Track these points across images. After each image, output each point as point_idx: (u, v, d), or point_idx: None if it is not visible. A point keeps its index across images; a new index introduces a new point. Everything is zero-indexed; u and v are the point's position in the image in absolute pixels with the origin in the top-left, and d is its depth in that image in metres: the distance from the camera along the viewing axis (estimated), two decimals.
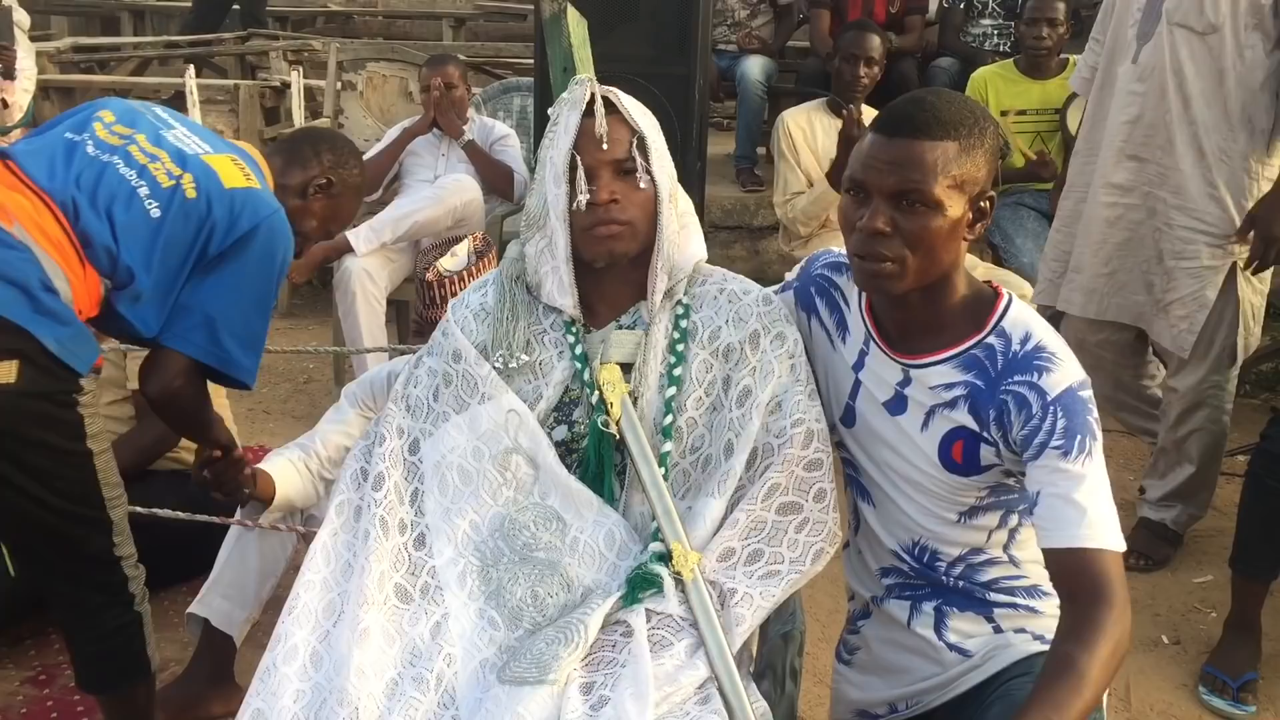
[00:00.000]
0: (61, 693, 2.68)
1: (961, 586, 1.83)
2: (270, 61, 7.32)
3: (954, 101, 1.67)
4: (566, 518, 1.74)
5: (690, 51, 3.97)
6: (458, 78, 4.58)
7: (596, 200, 1.75)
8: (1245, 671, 2.80)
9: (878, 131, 1.66)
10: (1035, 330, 1.69)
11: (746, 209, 5.67)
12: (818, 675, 2.86)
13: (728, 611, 1.67)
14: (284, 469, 2.45)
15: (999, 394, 1.67)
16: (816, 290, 1.90)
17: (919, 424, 1.75)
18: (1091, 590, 1.57)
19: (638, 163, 1.77)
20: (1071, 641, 1.56)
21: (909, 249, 1.64)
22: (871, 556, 1.93)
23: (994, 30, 5.75)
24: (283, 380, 4.75)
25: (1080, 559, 1.58)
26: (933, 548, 1.83)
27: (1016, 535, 1.82)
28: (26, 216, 2.00)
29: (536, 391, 1.81)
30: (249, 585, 2.58)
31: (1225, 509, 3.70)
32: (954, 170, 1.61)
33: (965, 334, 1.72)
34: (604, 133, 1.75)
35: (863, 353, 1.83)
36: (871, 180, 1.65)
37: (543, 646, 1.61)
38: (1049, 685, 1.52)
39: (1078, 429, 1.62)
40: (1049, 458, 1.62)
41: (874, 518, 1.89)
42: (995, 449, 1.71)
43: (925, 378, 1.74)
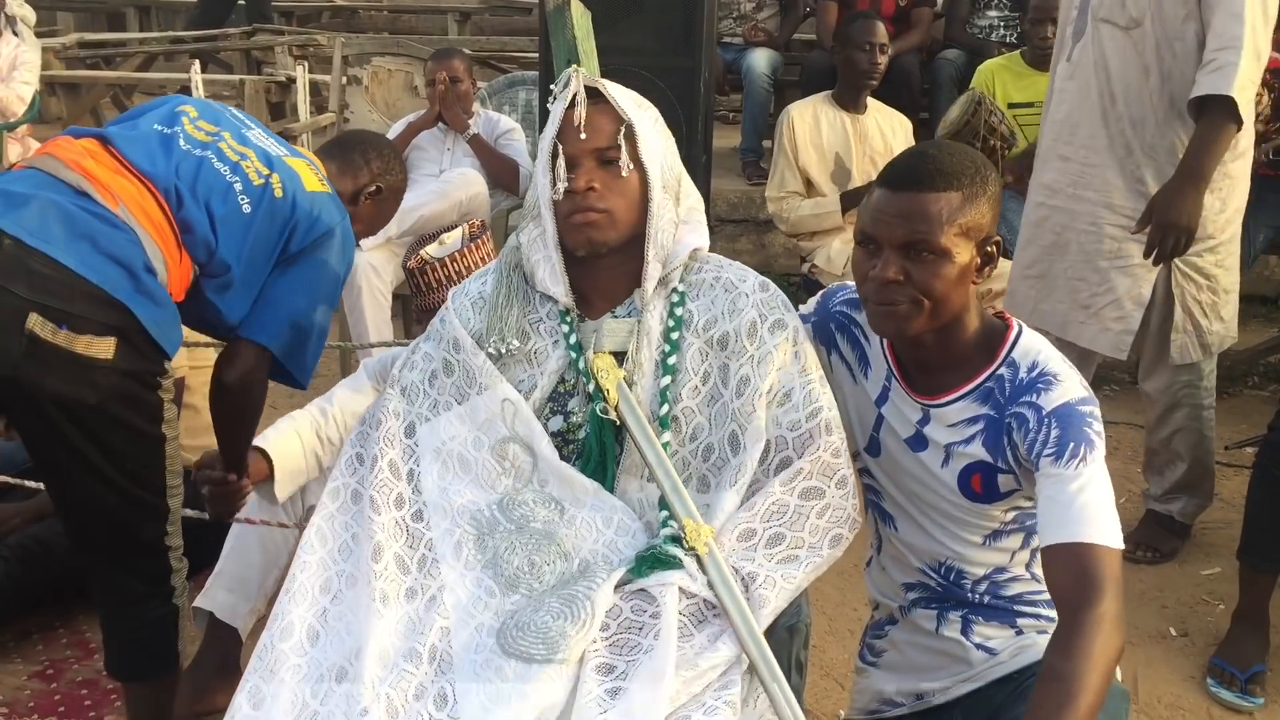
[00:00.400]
0: (68, 687, 2.70)
1: (987, 602, 1.90)
2: (275, 56, 7.32)
3: (955, 153, 1.76)
4: (565, 503, 1.75)
5: (695, 44, 3.96)
6: (463, 72, 4.58)
7: (574, 188, 1.77)
8: (1253, 663, 2.78)
9: (883, 186, 1.75)
10: (1041, 356, 1.77)
11: (753, 202, 5.66)
12: (825, 669, 2.86)
13: (751, 595, 1.66)
14: (287, 445, 2.40)
15: (1005, 418, 1.76)
16: (836, 326, 1.97)
17: (939, 461, 1.84)
18: (1080, 587, 1.59)
19: (621, 152, 1.78)
20: (1058, 652, 1.58)
21: (923, 295, 1.72)
22: (897, 572, 1.99)
23: (1000, 22, 5.73)
24: None
25: (1071, 553, 1.62)
26: (959, 567, 1.90)
27: (1039, 554, 1.83)
28: (131, 199, 2.07)
29: (532, 380, 1.82)
30: (252, 578, 2.59)
31: (1233, 501, 3.69)
32: (959, 219, 1.69)
33: (979, 368, 1.80)
34: (582, 122, 1.77)
35: (885, 389, 1.90)
36: (881, 233, 1.73)
37: (549, 620, 1.60)
38: (1040, 702, 1.55)
39: (1071, 438, 1.68)
40: (1044, 465, 1.68)
41: (900, 539, 1.96)
42: (1011, 475, 1.78)
43: (944, 416, 1.83)
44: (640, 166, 1.80)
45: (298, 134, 5.46)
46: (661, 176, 1.82)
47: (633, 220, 1.81)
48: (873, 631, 2.10)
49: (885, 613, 2.06)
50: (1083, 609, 1.58)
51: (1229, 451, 4.04)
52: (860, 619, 3.02)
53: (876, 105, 4.27)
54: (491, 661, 1.58)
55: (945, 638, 1.91)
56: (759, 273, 1.91)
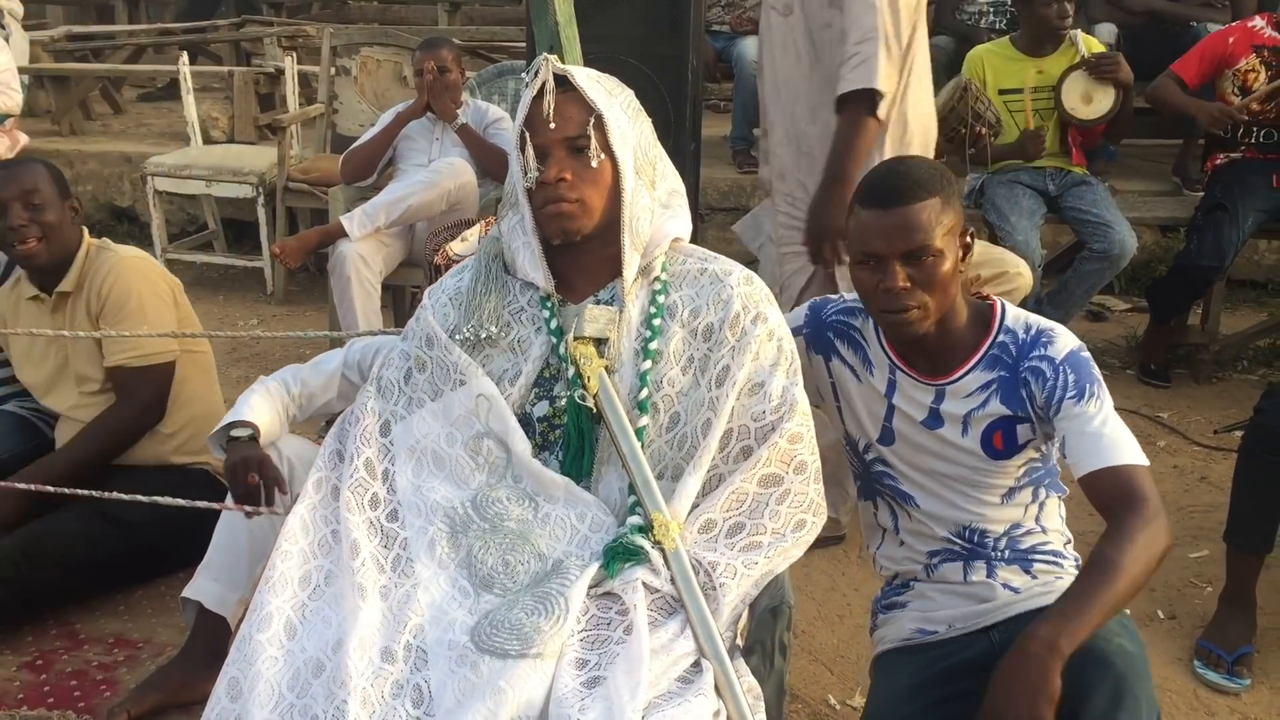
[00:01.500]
0: (57, 678, 2.69)
1: (1007, 556, 2.09)
2: (265, 48, 7.31)
3: (922, 164, 1.99)
4: (539, 499, 1.75)
5: (683, 32, 3.94)
6: (451, 61, 4.56)
7: (545, 179, 1.78)
8: (1240, 645, 2.79)
9: (873, 207, 1.93)
10: (1030, 319, 2.03)
11: (743, 190, 5.66)
12: (814, 653, 2.87)
13: (713, 583, 1.68)
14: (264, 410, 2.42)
15: (1020, 374, 1.98)
16: (835, 334, 2.16)
17: (959, 432, 2.04)
18: (1123, 500, 1.82)
19: (591, 141, 1.78)
20: (1105, 543, 1.80)
21: (927, 294, 1.93)
22: (920, 543, 2.17)
23: (990, 8, 5.73)
24: (279, 364, 4.72)
25: (1109, 476, 1.85)
26: (982, 527, 2.09)
27: (1044, 506, 2.11)
28: None
29: (516, 368, 1.82)
30: (240, 567, 2.58)
31: (1222, 484, 3.70)
32: (945, 220, 1.92)
33: (979, 340, 2.03)
34: (550, 112, 1.77)
35: (891, 381, 2.09)
36: (883, 248, 1.92)
37: (522, 617, 1.61)
38: (1082, 577, 1.78)
39: (1084, 379, 1.92)
40: (1066, 408, 1.91)
41: (922, 513, 2.14)
42: (1029, 424, 2.00)
43: (959, 389, 2.03)
44: (611, 155, 1.80)
45: (286, 125, 5.45)
46: (634, 163, 1.82)
47: (607, 207, 1.81)
48: (890, 594, 2.24)
49: (907, 576, 2.21)
50: (1128, 513, 1.80)
51: (1218, 435, 4.06)
52: (849, 604, 3.04)
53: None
54: (466, 658, 1.59)
55: (973, 582, 2.09)
56: (750, 261, 1.94)
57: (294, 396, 2.49)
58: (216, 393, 3.29)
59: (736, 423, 1.77)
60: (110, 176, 6.57)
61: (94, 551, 2.90)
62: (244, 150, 5.97)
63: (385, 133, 4.60)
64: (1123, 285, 5.38)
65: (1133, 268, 5.03)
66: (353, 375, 2.52)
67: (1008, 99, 4.48)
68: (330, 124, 5.73)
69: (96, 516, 2.87)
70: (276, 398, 2.44)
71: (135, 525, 2.92)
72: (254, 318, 5.40)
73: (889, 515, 2.20)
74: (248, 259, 5.80)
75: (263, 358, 4.84)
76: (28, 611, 2.88)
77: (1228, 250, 4.26)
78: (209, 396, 3.23)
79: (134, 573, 3.05)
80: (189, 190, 5.72)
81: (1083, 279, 4.34)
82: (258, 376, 4.49)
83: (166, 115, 7.65)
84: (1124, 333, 4.98)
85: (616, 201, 1.81)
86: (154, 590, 3.06)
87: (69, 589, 2.92)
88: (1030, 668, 1.69)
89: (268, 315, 5.43)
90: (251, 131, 6.51)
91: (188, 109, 6.00)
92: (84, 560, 2.89)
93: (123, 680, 2.69)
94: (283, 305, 5.55)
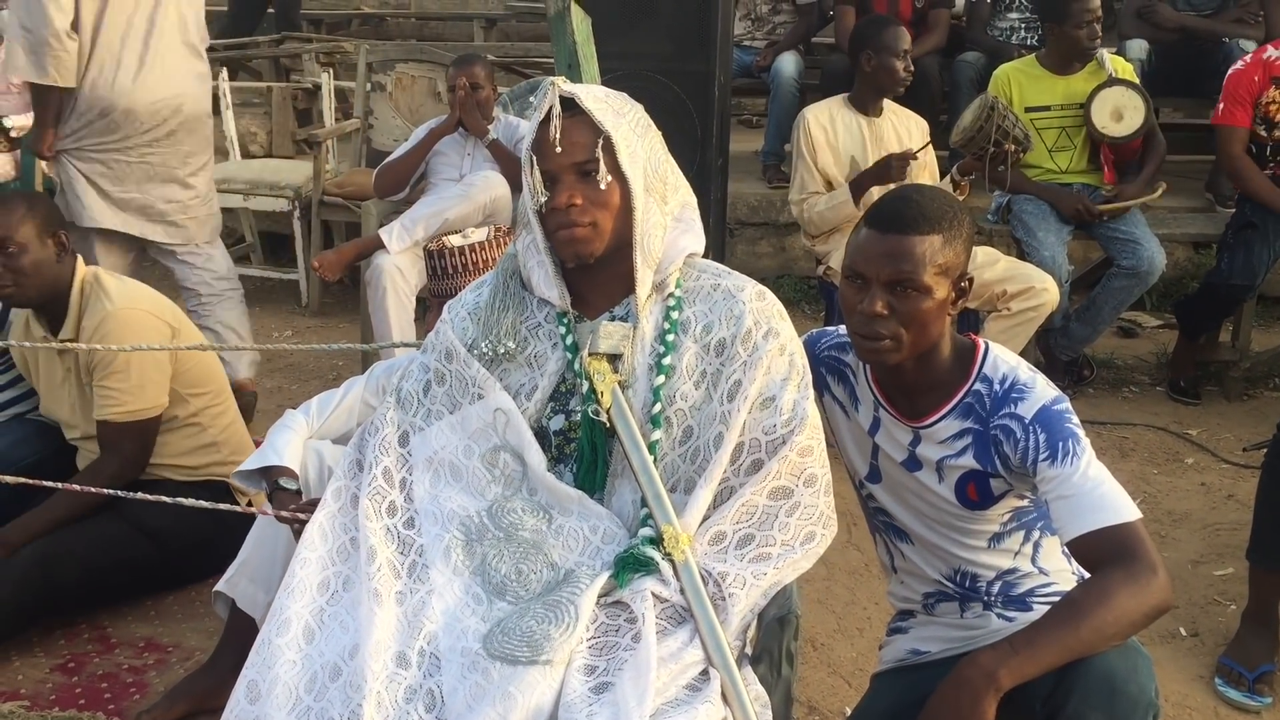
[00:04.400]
0: (89, 680, 2.76)
1: (1001, 600, 2.04)
2: (303, 64, 7.41)
3: (936, 198, 1.92)
4: (553, 511, 1.78)
5: (710, 47, 3.99)
6: (483, 78, 4.62)
7: (555, 204, 1.80)
8: (1262, 664, 2.78)
9: (872, 227, 1.90)
10: (1009, 370, 1.94)
11: (772, 205, 5.68)
12: (832, 666, 2.88)
13: (721, 594, 1.70)
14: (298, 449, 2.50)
15: (991, 430, 1.91)
16: (827, 369, 2.12)
17: (935, 478, 1.99)
18: (1108, 558, 1.73)
19: (600, 164, 1.79)
20: (1077, 587, 1.77)
21: (904, 327, 1.88)
22: (916, 584, 2.14)
23: (1021, 24, 5.73)
24: (312, 377, 4.82)
25: (1094, 539, 1.76)
26: (972, 572, 2.04)
27: (1041, 547, 2.03)
28: None
29: (533, 383, 1.86)
30: (275, 571, 2.63)
31: (1248, 502, 3.65)
32: (939, 259, 1.86)
33: (956, 385, 1.96)
34: (556, 137, 1.79)
35: (876, 418, 2.05)
36: (869, 270, 1.88)
37: (533, 624, 1.64)
38: (1044, 615, 1.74)
39: (1057, 437, 1.83)
40: (1042, 470, 1.83)
41: (913, 553, 2.11)
42: (1002, 479, 1.93)
43: (933, 434, 1.97)
44: (620, 176, 1.82)
45: (323, 140, 5.53)
46: (645, 182, 1.84)
47: (618, 227, 1.83)
48: (896, 620, 2.25)
49: (908, 609, 2.19)
50: (1111, 566, 1.72)
51: (1247, 453, 4.03)
52: (869, 618, 3.05)
53: (892, 107, 4.28)
54: (478, 664, 1.62)
55: (969, 620, 2.06)
56: (779, 275, 1.96)
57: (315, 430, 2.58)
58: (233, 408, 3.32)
59: (748, 436, 1.79)
60: None
61: (117, 557, 2.95)
62: (281, 164, 6.07)
63: (419, 148, 4.66)
64: (1154, 301, 5.35)
65: (1164, 284, 5.01)
66: (374, 400, 2.59)
67: (1034, 116, 4.48)
68: (365, 139, 5.81)
69: (120, 521, 2.93)
70: (302, 435, 2.53)
71: (158, 532, 2.98)
72: (289, 329, 5.47)
73: (886, 553, 2.19)
74: (283, 271, 5.89)
75: (296, 369, 4.92)
76: (56, 615, 2.93)
77: (1259, 269, 4.24)
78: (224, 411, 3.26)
79: (159, 578, 3.11)
80: (227, 204, 5.79)
81: (1111, 295, 4.33)
82: (290, 388, 4.63)
83: None
84: (1154, 349, 4.96)
85: (628, 220, 1.83)
86: (184, 596, 3.12)
87: (94, 595, 2.98)
88: (961, 696, 1.64)
89: (302, 327, 5.51)
90: (289, 146, 6.61)
91: (226, 124, 6.10)
92: (107, 566, 2.94)
93: (152, 683, 2.75)
94: (316, 317, 5.62)
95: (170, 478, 3.07)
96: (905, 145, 4.19)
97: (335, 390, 2.67)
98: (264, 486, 2.50)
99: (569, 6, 2.03)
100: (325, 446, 2.54)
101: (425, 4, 10.22)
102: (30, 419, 3.31)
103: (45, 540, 2.87)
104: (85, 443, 3.10)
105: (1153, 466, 3.99)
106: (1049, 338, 4.44)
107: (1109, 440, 4.16)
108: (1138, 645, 1.79)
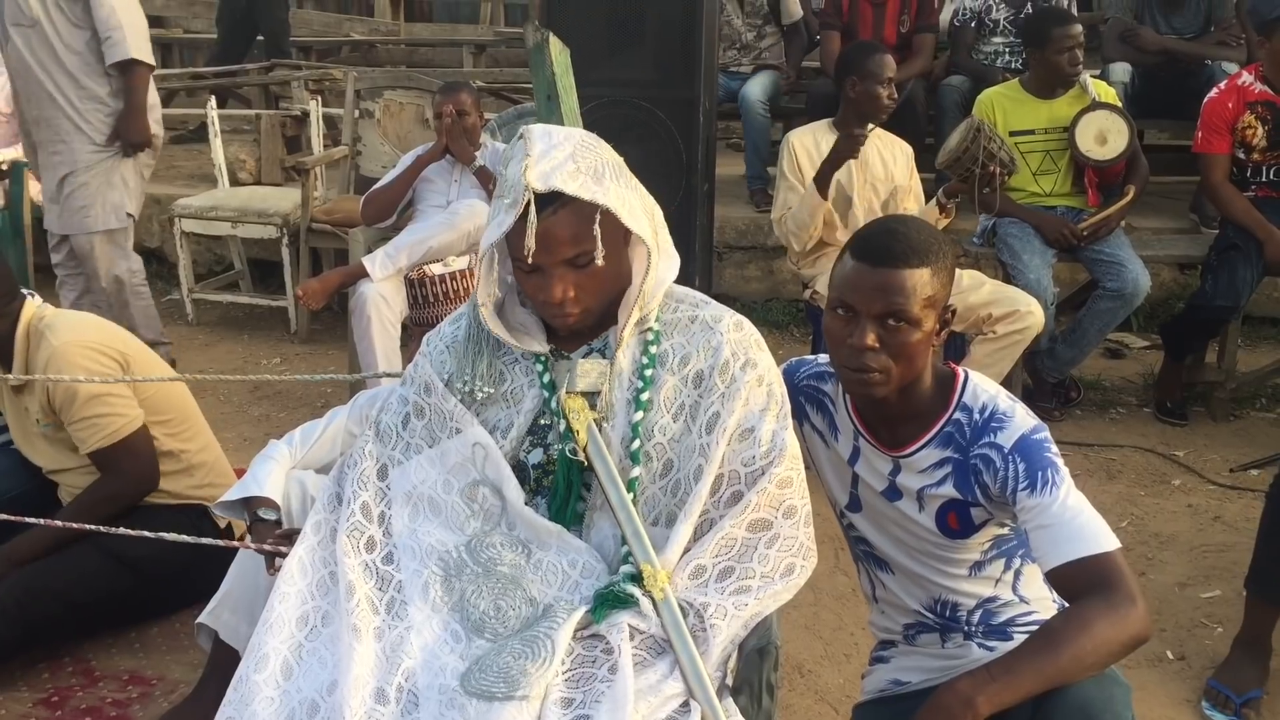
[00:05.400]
0: (73, 714, 2.74)
1: (981, 630, 2.03)
2: (292, 91, 7.42)
3: (922, 229, 1.91)
4: (531, 547, 1.78)
5: (695, 74, 4.01)
6: (470, 104, 4.64)
7: (549, 299, 1.76)
8: (1250, 689, 2.77)
9: (861, 260, 1.88)
10: (989, 399, 1.93)
11: (760, 229, 5.69)
12: (819, 693, 2.87)
13: (704, 624, 1.70)
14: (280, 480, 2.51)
15: (971, 459, 1.91)
16: (806, 399, 2.11)
17: (916, 507, 1.98)
18: (1088, 588, 1.73)
19: (596, 243, 1.72)
20: (1057, 615, 1.76)
21: (893, 359, 1.87)
22: (896, 614, 2.14)
23: (1006, 48, 5.76)
24: (300, 405, 4.81)
25: (1074, 569, 1.76)
26: (952, 600, 2.04)
27: (1021, 575, 2.03)
28: None
29: (509, 420, 1.85)
30: (257, 601, 2.62)
31: (1236, 524, 3.69)
32: (928, 291, 1.86)
33: (937, 414, 1.95)
34: (532, 247, 1.69)
35: (856, 448, 2.05)
36: (859, 304, 1.87)
37: (509, 660, 1.63)
38: (1023, 643, 1.73)
39: (1036, 466, 1.83)
40: (1022, 499, 1.83)
41: (894, 583, 2.11)
42: (983, 508, 1.93)
43: (913, 464, 1.97)
44: (619, 241, 1.78)
45: (311, 167, 5.54)
46: (653, 234, 1.79)
47: (612, 293, 1.82)
48: (878, 649, 2.23)
49: (889, 639, 2.18)
50: (1091, 595, 1.72)
51: (1234, 474, 4.04)
52: (856, 643, 3.05)
53: (877, 131, 4.29)
54: (455, 700, 1.61)
55: (950, 651, 2.05)
56: (768, 299, 1.95)
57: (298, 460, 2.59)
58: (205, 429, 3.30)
59: (727, 468, 1.78)
60: (140, 218, 6.65)
61: (98, 587, 2.93)
62: (269, 192, 6.08)
63: (405, 176, 4.68)
64: (1140, 322, 5.37)
65: (1150, 305, 5.03)
66: (357, 430, 2.59)
67: (1019, 140, 4.50)
68: (354, 166, 5.82)
69: (97, 553, 2.92)
70: (285, 465, 2.54)
71: (137, 561, 2.97)
72: (277, 356, 5.47)
73: (868, 582, 2.18)
74: (272, 298, 5.89)
75: (284, 396, 4.91)
76: (35, 646, 2.92)
77: (1243, 290, 4.26)
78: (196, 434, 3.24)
79: (141, 609, 3.10)
80: (216, 231, 5.82)
81: (1096, 317, 4.35)
82: (278, 416, 4.63)
83: (196, 157, 7.77)
84: (1141, 370, 4.97)
85: (615, 286, 1.82)
86: (168, 627, 3.11)
87: (75, 625, 2.97)
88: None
89: (291, 354, 5.50)
90: (278, 173, 6.62)
91: (215, 152, 6.11)
92: (88, 597, 2.93)
93: (136, 717, 2.73)
94: (305, 344, 5.62)
95: (148, 502, 3.06)
96: (890, 168, 4.21)
97: (318, 420, 2.68)
98: (245, 517, 2.50)
99: (547, 38, 2.04)
100: (308, 476, 2.54)
101: (415, 30, 10.27)
102: (12, 449, 3.29)
103: (23, 574, 2.86)
104: (63, 476, 3.09)
105: (1139, 488, 3.99)
106: (1035, 360, 4.45)
107: (1096, 462, 4.17)
108: (1116, 675, 1.78)
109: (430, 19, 10.88)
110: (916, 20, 5.72)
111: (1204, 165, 4.43)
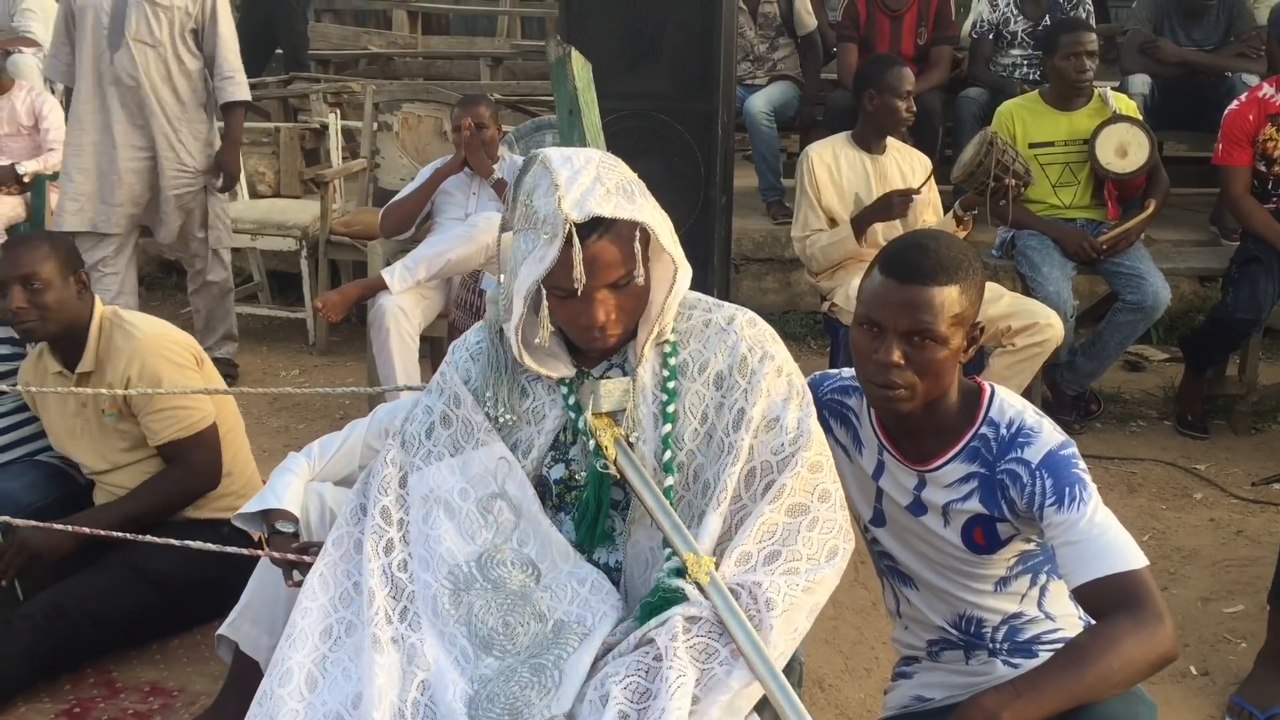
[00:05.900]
0: None
1: (1006, 647, 2.01)
2: (311, 104, 7.46)
3: (952, 246, 1.89)
4: (542, 566, 1.78)
5: (712, 87, 4.00)
6: (488, 117, 4.65)
7: (589, 323, 1.76)
8: (1275, 705, 2.75)
9: (889, 276, 1.86)
10: (1016, 413, 1.92)
11: (777, 241, 5.69)
12: (840, 708, 2.86)
13: (758, 603, 1.67)
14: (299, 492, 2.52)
15: (998, 475, 1.89)
16: (830, 413, 2.09)
17: (941, 522, 1.97)
18: (1115, 606, 1.72)
19: (637, 262, 1.74)
20: (1084, 633, 1.75)
21: (919, 376, 1.86)
22: (920, 630, 2.12)
23: (1023, 60, 5.75)
24: (319, 417, 4.82)
25: (1101, 586, 1.75)
26: (977, 616, 2.02)
27: (1047, 591, 2.02)
28: None
29: (529, 439, 1.86)
30: (278, 613, 2.63)
31: (1259, 538, 3.67)
32: (956, 309, 1.84)
33: (962, 429, 1.94)
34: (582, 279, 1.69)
35: (881, 462, 2.03)
36: (886, 320, 1.86)
37: (515, 690, 1.64)
38: (1049, 659, 1.73)
39: (1064, 482, 1.82)
40: (1049, 515, 1.81)
41: (918, 598, 2.09)
42: (1009, 523, 1.91)
43: (939, 478, 1.95)
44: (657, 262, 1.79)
45: (330, 179, 5.57)
46: (678, 251, 1.80)
47: (643, 309, 1.82)
48: (900, 665, 2.21)
49: (913, 654, 2.17)
50: (1119, 612, 1.71)
51: (1256, 488, 4.02)
52: (876, 657, 3.04)
53: (895, 144, 4.30)
54: None
55: (974, 667, 2.03)
56: (785, 311, 1.94)
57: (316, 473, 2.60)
58: (244, 445, 3.34)
59: (759, 459, 1.77)
60: None
61: (125, 605, 2.96)
62: (288, 204, 6.10)
63: (424, 188, 4.70)
64: (1160, 335, 5.34)
65: (1171, 317, 5.01)
66: (376, 444, 2.59)
67: (1038, 152, 4.50)
68: (372, 178, 5.85)
69: (127, 570, 2.94)
70: (304, 477, 2.55)
71: (167, 578, 2.99)
72: (296, 368, 5.49)
73: (892, 598, 2.17)
74: (291, 310, 5.91)
75: (303, 408, 4.92)
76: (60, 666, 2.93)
77: (1264, 303, 4.25)
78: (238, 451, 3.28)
79: (167, 625, 3.11)
80: (235, 244, 5.84)
81: (1116, 330, 4.33)
82: (297, 427, 4.63)
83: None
84: (1162, 383, 4.95)
85: (648, 291, 1.81)
86: (190, 639, 3.12)
87: (102, 643, 2.98)
88: None
89: (310, 366, 5.52)
90: (296, 186, 6.65)
91: None
92: (115, 615, 2.95)
93: None
94: (324, 356, 5.63)
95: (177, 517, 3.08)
96: (909, 182, 4.21)
97: (337, 433, 2.68)
98: (263, 529, 2.51)
99: (569, 53, 2.04)
100: (326, 489, 2.55)
101: (432, 43, 10.31)
102: (41, 461, 3.31)
103: (55, 591, 2.88)
104: (106, 476, 3.12)
105: (1161, 502, 3.97)
106: (1055, 373, 4.43)
107: (1117, 475, 4.15)
108: (1141, 693, 1.77)
109: (447, 32, 10.91)
110: (934, 32, 5.72)
111: (1224, 177, 4.42)
